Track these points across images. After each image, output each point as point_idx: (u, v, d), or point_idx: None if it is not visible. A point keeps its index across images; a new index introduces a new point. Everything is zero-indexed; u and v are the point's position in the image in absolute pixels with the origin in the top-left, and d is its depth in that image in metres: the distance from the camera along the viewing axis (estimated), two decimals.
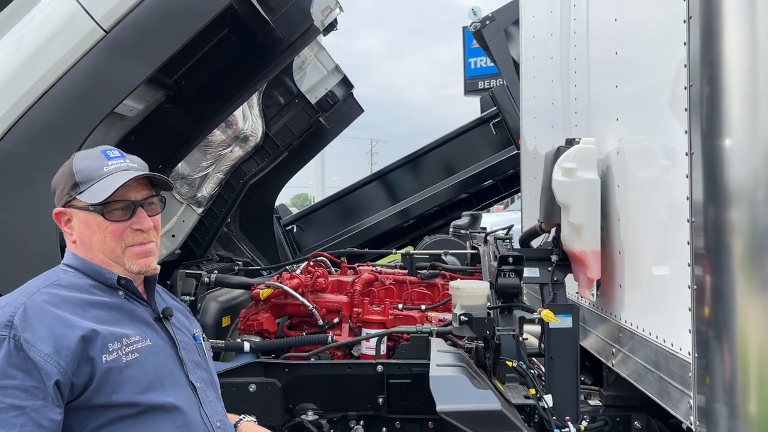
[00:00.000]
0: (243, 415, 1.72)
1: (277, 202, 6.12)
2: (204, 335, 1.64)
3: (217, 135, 3.88)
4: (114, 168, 1.44)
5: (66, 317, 1.30)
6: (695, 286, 1.67)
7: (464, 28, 14.30)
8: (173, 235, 4.00)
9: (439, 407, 1.77)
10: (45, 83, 2.15)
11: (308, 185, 36.49)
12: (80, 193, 1.41)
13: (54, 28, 2.17)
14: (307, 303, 2.94)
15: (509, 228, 3.13)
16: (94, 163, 1.44)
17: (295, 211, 7.18)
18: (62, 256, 1.49)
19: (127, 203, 1.42)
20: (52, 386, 1.23)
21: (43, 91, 2.14)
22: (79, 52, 2.15)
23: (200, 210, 4.18)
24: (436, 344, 2.49)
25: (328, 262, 3.35)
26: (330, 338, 2.83)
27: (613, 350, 2.26)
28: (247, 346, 2.79)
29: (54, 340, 1.25)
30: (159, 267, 1.50)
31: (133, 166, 1.47)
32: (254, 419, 1.74)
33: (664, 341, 1.85)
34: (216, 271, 3.33)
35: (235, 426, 1.67)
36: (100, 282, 1.41)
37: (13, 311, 1.27)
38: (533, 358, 2.46)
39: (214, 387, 1.57)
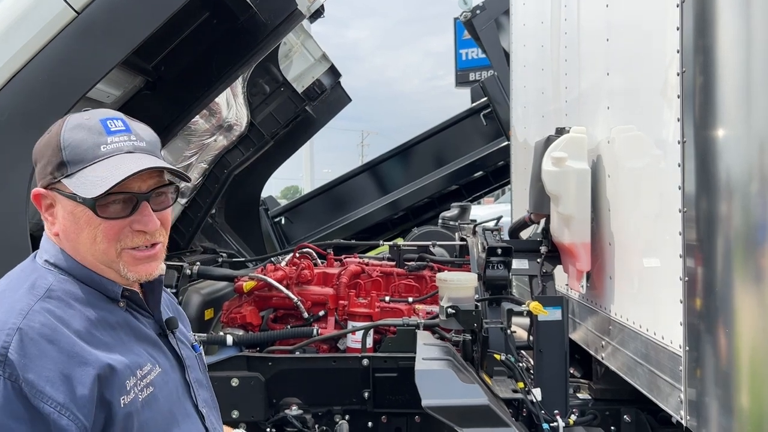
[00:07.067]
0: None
1: (267, 194, 6.04)
2: (195, 337, 1.43)
3: (201, 124, 3.79)
4: (114, 148, 1.09)
5: (74, 350, 0.99)
6: (687, 278, 1.64)
7: (455, 19, 14.23)
8: None
9: (424, 402, 1.72)
10: (13, 67, 2.06)
11: (298, 177, 36.44)
12: (66, 176, 1.08)
13: (23, 9, 2.08)
14: (292, 295, 2.88)
15: (498, 219, 3.10)
16: (88, 138, 1.09)
17: (284, 203, 7.10)
18: (32, 246, 1.34)
19: (128, 195, 1.09)
20: None
21: (11, 75, 2.05)
22: (50, 34, 2.06)
23: (183, 201, 4.11)
24: (423, 337, 2.44)
25: (315, 254, 3.29)
26: (315, 331, 2.78)
27: (603, 343, 2.23)
28: (229, 339, 2.73)
29: (66, 384, 0.96)
30: (165, 268, 1.21)
31: (141, 145, 1.13)
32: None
33: (655, 334, 1.81)
34: (199, 263, 3.25)
35: None
36: (97, 290, 1.12)
37: (5, 341, 0.95)
38: (522, 351, 2.43)
39: (215, 406, 1.34)
